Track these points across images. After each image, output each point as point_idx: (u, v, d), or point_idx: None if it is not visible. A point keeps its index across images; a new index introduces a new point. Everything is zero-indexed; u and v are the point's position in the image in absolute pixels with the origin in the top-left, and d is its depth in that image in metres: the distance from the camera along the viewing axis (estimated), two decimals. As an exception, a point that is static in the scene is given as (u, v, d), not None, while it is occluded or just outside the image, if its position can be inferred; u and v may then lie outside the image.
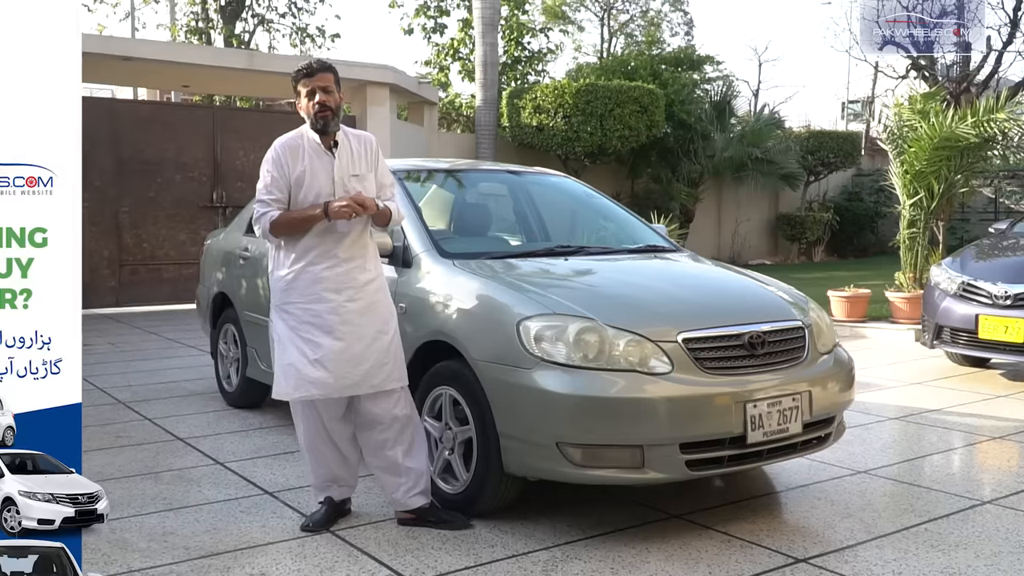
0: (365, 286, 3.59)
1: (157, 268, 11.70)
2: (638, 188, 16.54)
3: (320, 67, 3.59)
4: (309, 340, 3.51)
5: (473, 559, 3.30)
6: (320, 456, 3.70)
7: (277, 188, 3.55)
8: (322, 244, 3.55)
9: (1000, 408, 5.84)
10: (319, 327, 3.52)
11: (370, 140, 3.74)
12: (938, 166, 8.91)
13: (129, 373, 7.17)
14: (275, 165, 3.56)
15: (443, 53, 21.33)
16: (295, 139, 3.60)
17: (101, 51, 10.02)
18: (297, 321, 3.54)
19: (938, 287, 7.05)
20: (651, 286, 4.07)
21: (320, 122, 3.54)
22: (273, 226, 3.54)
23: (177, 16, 21.98)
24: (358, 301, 3.56)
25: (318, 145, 3.58)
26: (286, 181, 3.55)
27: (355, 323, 3.54)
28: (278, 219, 3.53)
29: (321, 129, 3.56)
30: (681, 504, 3.88)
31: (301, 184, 3.54)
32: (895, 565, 3.24)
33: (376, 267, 3.70)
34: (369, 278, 3.62)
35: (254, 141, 12.18)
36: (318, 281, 3.53)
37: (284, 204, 3.55)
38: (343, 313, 3.53)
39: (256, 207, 3.60)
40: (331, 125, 3.56)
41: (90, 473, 4.36)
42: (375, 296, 3.63)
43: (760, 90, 33.40)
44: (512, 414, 3.48)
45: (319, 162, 3.56)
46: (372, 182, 3.66)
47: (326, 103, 3.53)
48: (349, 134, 3.68)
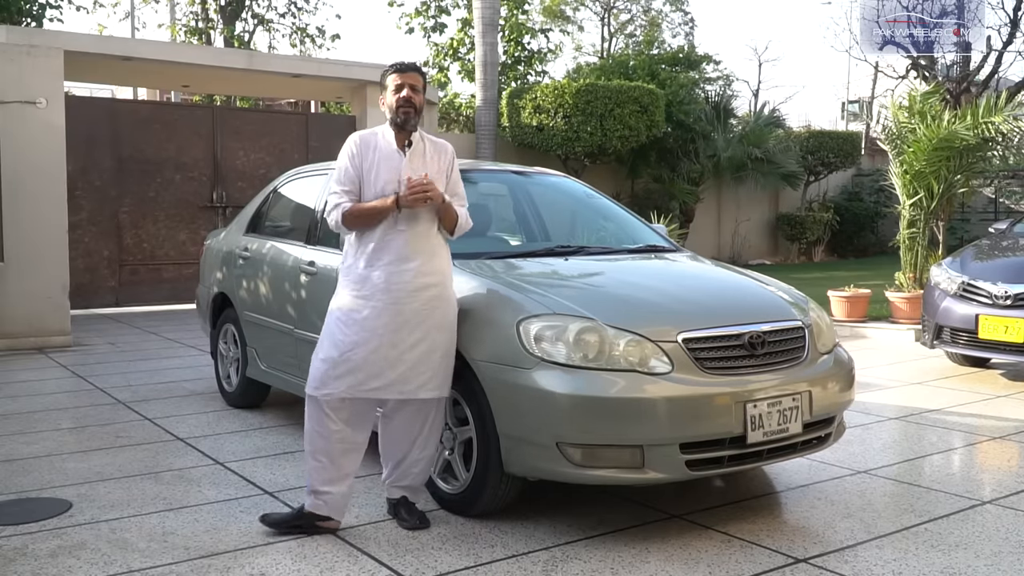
0: (420, 291, 3.55)
1: (157, 268, 11.69)
2: (638, 188, 16.53)
3: (413, 67, 3.68)
4: (349, 336, 3.51)
5: (473, 559, 3.30)
6: (324, 459, 3.60)
7: (349, 180, 3.60)
8: (384, 241, 3.54)
9: (1000, 408, 5.84)
10: (363, 324, 3.51)
11: (446, 148, 3.76)
12: (937, 166, 8.92)
13: (129, 373, 7.17)
14: (348, 157, 3.63)
15: (442, 53, 21.32)
16: (371, 134, 3.68)
17: (101, 51, 10.00)
18: (346, 313, 3.55)
19: (938, 287, 7.05)
20: (651, 286, 4.07)
21: (401, 116, 3.58)
22: (345, 217, 3.57)
23: (177, 16, 21.97)
24: (411, 304, 3.53)
25: (391, 143, 3.62)
26: (358, 173, 3.60)
27: (400, 326, 3.51)
28: (350, 210, 3.56)
29: (400, 124, 3.60)
30: (681, 504, 3.88)
31: (369, 178, 3.58)
32: (895, 565, 3.24)
33: (440, 272, 3.64)
34: (427, 283, 3.57)
35: (254, 141, 12.19)
36: (376, 278, 3.53)
37: (355, 196, 3.59)
38: (390, 314, 3.51)
39: (329, 198, 3.65)
40: (410, 122, 3.60)
41: (90, 473, 4.39)
42: (433, 303, 3.58)
43: (760, 90, 33.47)
44: (512, 414, 3.48)
45: (390, 160, 3.59)
46: (442, 188, 3.65)
47: (411, 99, 3.59)
48: (427, 139, 3.71)
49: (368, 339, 3.51)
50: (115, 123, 11.32)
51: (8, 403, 6.08)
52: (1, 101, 8.37)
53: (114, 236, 11.35)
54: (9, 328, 8.35)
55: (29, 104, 8.45)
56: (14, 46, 8.51)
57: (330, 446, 3.58)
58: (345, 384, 3.52)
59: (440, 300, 3.62)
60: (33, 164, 8.48)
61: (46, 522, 3.70)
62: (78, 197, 10.72)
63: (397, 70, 3.64)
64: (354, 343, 3.51)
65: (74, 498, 4.02)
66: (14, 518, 3.74)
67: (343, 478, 3.61)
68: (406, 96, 3.58)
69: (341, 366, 3.51)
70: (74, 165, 10.26)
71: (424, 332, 3.56)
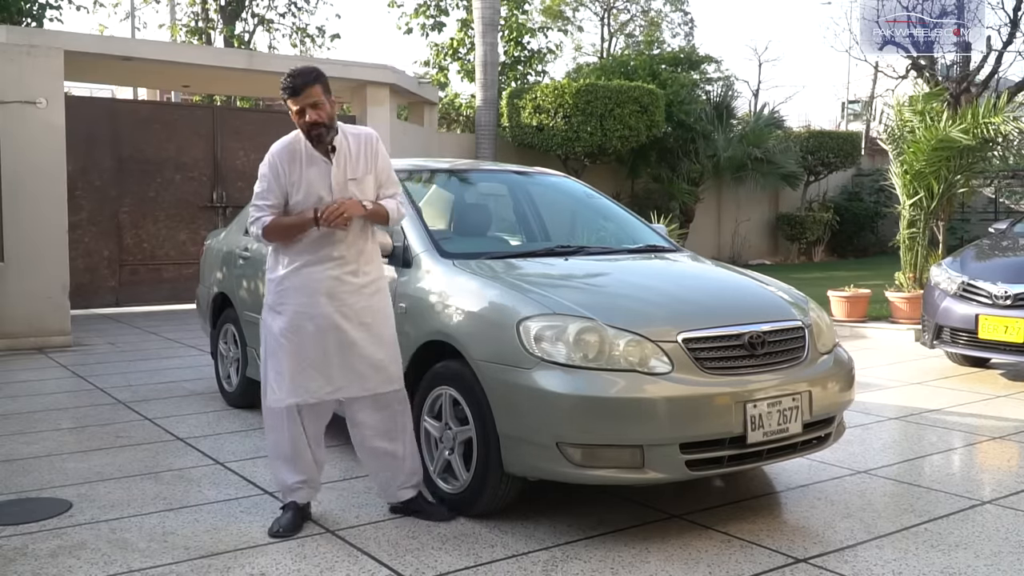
0: (361, 289, 3.59)
1: (157, 268, 11.70)
2: (638, 188, 16.53)
3: (303, 82, 3.46)
4: (301, 344, 3.52)
5: (473, 559, 3.30)
6: (299, 460, 3.67)
7: (272, 194, 3.54)
8: (316, 246, 3.54)
9: (1000, 408, 5.84)
10: (311, 331, 3.52)
11: (370, 136, 3.69)
12: (937, 166, 8.92)
13: (129, 373, 7.17)
14: (271, 170, 3.55)
15: (442, 53, 21.32)
16: (293, 143, 3.58)
17: (101, 51, 10.00)
18: (289, 324, 3.54)
19: (938, 287, 7.05)
20: (651, 286, 4.07)
21: (315, 138, 3.52)
22: (265, 231, 3.55)
23: (177, 16, 21.96)
24: (352, 304, 3.56)
25: (315, 151, 3.56)
26: (281, 187, 3.54)
27: (348, 327, 3.54)
28: (270, 224, 3.53)
29: (316, 142, 3.54)
30: (681, 504, 3.88)
31: (299, 189, 3.53)
32: (895, 565, 3.24)
33: (374, 269, 3.68)
34: (365, 281, 3.61)
35: (254, 141, 12.17)
36: (311, 283, 3.53)
37: (278, 209, 3.55)
38: (336, 317, 3.53)
39: (251, 211, 3.61)
40: (325, 139, 3.53)
41: (90, 473, 4.39)
42: (371, 299, 3.62)
43: (760, 90, 33.48)
44: (512, 414, 3.48)
45: (316, 168, 3.55)
46: (372, 183, 3.64)
47: (317, 120, 3.48)
48: (348, 134, 3.63)
49: (322, 344, 3.52)
50: (115, 123, 11.33)
51: (8, 403, 6.08)
52: (1, 101, 8.37)
53: (114, 236, 11.35)
54: (9, 328, 8.35)
55: (29, 104, 8.45)
56: (14, 46, 8.51)
57: (300, 445, 3.65)
58: (305, 391, 3.54)
59: (379, 295, 3.66)
60: (33, 164, 8.48)
61: (46, 522, 3.70)
62: (78, 197, 10.73)
63: (291, 95, 3.46)
64: (308, 350, 3.52)
65: (74, 498, 4.02)
66: (14, 518, 3.74)
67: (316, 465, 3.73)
68: (310, 120, 3.46)
69: (300, 375, 3.53)
70: (74, 165, 10.26)
71: (373, 329, 3.59)
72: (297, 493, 3.68)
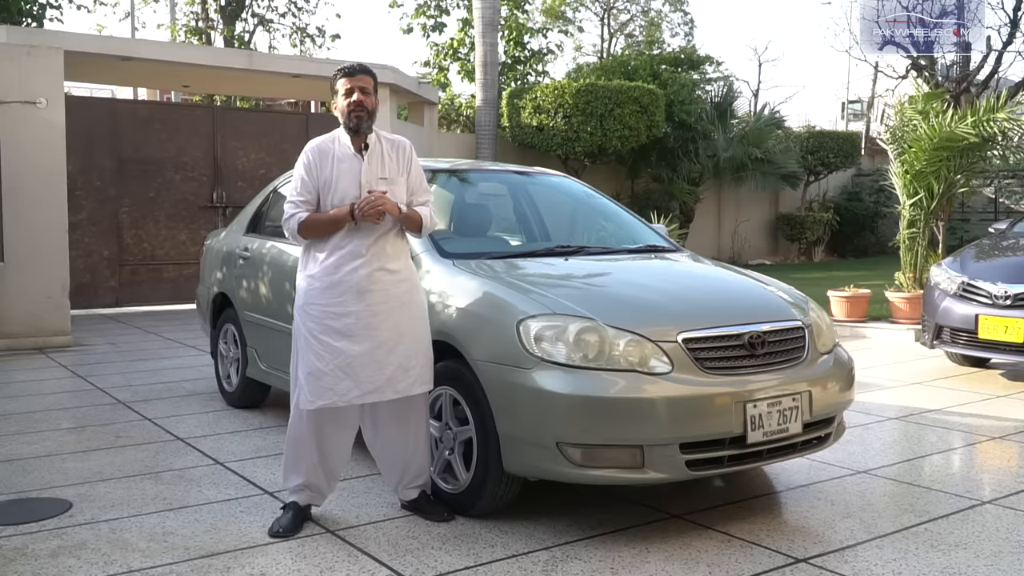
0: (391, 288, 3.58)
1: (157, 268, 11.70)
2: (638, 188, 16.54)
3: (361, 69, 3.64)
4: (330, 345, 3.51)
5: (473, 559, 3.30)
6: (302, 463, 3.67)
7: (306, 190, 3.58)
8: (349, 246, 3.54)
9: (1000, 408, 5.84)
10: (341, 331, 3.51)
11: (404, 144, 3.74)
12: (938, 166, 8.92)
13: (129, 373, 7.17)
14: (305, 168, 3.60)
15: (442, 53, 21.33)
16: (326, 142, 3.64)
17: (101, 51, 10.00)
18: (319, 324, 3.53)
19: (938, 287, 7.05)
20: (651, 286, 4.07)
21: (353, 121, 3.57)
22: (301, 228, 3.56)
23: (177, 16, 21.97)
24: (383, 303, 3.55)
25: (348, 148, 3.60)
26: (315, 183, 3.57)
27: (378, 327, 3.53)
28: (306, 220, 3.55)
29: (354, 128, 3.58)
30: (681, 504, 3.88)
31: (329, 187, 3.56)
32: (895, 565, 3.24)
33: (406, 268, 3.68)
34: (396, 280, 3.60)
35: (254, 141, 12.19)
36: (342, 283, 3.52)
37: (312, 206, 3.58)
38: (365, 316, 3.52)
39: (286, 208, 3.63)
40: (364, 125, 3.58)
41: (90, 473, 4.39)
42: (403, 298, 3.61)
43: (760, 90, 33.47)
44: (512, 414, 3.48)
45: (348, 165, 3.58)
46: (403, 187, 3.66)
47: (362, 103, 3.56)
48: (383, 138, 3.69)
49: (351, 345, 3.51)
50: (115, 123, 11.33)
51: (8, 403, 6.08)
52: (1, 101, 8.37)
53: (114, 236, 11.35)
54: (9, 328, 8.35)
55: (29, 104, 8.45)
56: (14, 46, 8.51)
57: (308, 448, 3.65)
58: (336, 394, 3.52)
59: (410, 294, 3.65)
60: (33, 164, 8.48)
61: (46, 522, 3.70)
62: (78, 197, 10.73)
63: (346, 74, 3.60)
64: (338, 351, 3.51)
65: (74, 498, 4.02)
66: (14, 518, 3.74)
67: (325, 473, 3.72)
68: (357, 100, 3.56)
69: (328, 377, 3.51)
70: (74, 165, 10.26)
71: (403, 329, 3.58)
72: (298, 494, 3.68)
